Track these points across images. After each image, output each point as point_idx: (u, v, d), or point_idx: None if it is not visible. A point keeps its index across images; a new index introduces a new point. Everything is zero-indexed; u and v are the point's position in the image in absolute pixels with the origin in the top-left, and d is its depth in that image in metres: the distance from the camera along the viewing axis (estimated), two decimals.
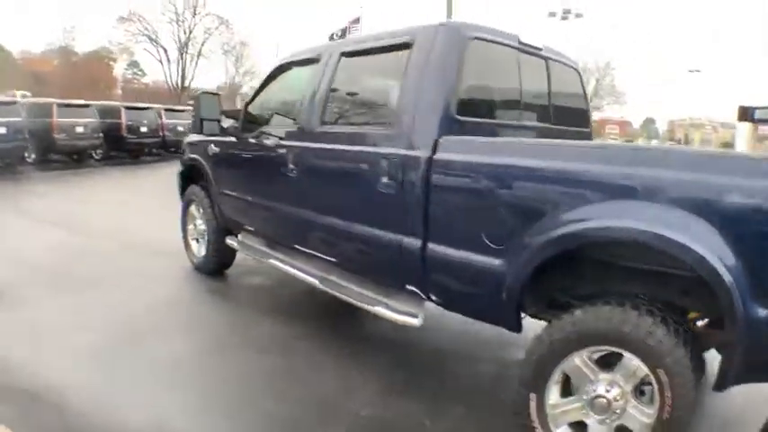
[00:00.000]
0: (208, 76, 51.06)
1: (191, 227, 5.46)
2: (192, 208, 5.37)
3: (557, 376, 2.33)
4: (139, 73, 51.66)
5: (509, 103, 3.46)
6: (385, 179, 3.02)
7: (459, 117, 2.93)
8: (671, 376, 2.09)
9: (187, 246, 5.53)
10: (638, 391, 2.23)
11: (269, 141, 4.05)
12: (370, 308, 3.28)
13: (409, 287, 3.03)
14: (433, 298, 2.97)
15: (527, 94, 3.52)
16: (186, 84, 43.64)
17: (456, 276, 2.78)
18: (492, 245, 2.56)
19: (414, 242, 2.90)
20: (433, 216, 2.82)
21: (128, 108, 16.94)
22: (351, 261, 3.55)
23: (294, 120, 3.99)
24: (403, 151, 2.94)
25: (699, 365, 2.51)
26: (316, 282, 3.74)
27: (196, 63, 43.78)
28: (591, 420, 2.29)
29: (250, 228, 4.64)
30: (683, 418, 2.12)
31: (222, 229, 4.95)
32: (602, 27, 60.60)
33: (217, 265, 5.21)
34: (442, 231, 2.81)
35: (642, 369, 2.16)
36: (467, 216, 2.72)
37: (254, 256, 4.55)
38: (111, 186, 11.89)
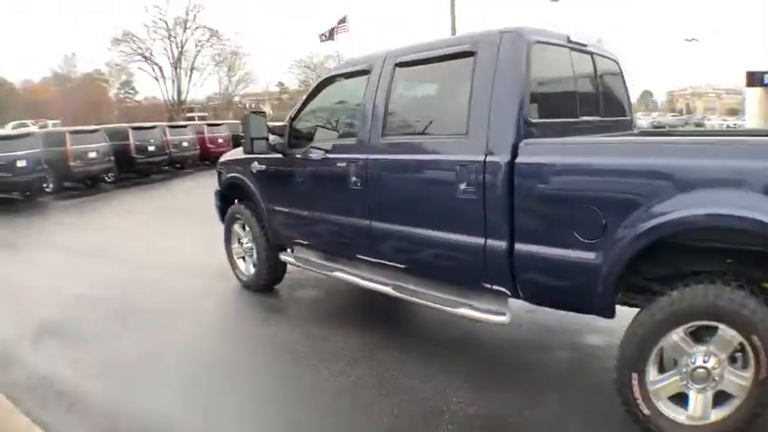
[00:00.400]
0: (202, 88, 51.09)
1: (235, 245, 5.42)
2: (236, 226, 5.33)
3: (655, 354, 2.50)
4: (131, 92, 52.12)
5: (568, 101, 3.57)
6: (463, 185, 3.10)
7: (531, 119, 3.04)
8: (765, 341, 2.27)
9: (233, 265, 5.47)
10: (731, 359, 2.41)
11: (322, 155, 4.07)
12: (453, 310, 3.34)
13: (493, 286, 3.13)
14: (522, 295, 3.06)
15: (581, 90, 3.65)
16: (183, 97, 43.81)
17: (549, 273, 2.88)
18: (585, 240, 2.68)
19: (499, 243, 3.00)
20: (518, 217, 2.92)
21: (134, 128, 16.93)
22: (424, 266, 3.59)
23: (349, 133, 4.05)
24: (481, 157, 3.02)
25: None
26: (389, 290, 3.77)
27: (190, 77, 44.01)
28: (692, 391, 2.45)
29: (304, 242, 4.65)
30: None
31: (273, 245, 4.93)
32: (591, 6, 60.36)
33: (268, 282, 5.18)
34: (529, 231, 2.91)
35: (737, 338, 2.33)
36: (555, 215, 2.81)
37: (314, 269, 4.57)
38: (132, 210, 11.86)
